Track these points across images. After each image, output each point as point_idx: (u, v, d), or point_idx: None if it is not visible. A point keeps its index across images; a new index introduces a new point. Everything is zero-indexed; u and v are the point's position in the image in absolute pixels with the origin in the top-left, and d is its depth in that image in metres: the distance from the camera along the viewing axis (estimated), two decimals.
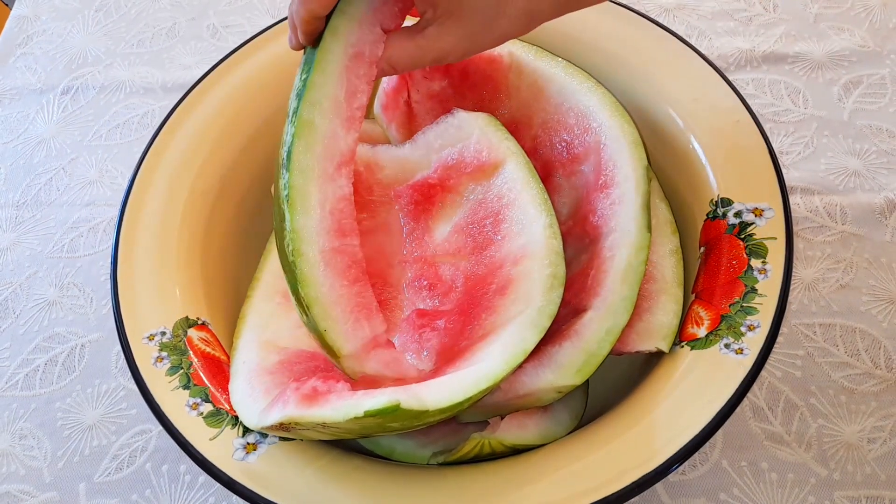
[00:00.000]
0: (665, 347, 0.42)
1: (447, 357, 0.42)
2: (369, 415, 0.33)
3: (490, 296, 0.44)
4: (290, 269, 0.38)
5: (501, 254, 0.46)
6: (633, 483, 0.37)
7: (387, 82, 0.55)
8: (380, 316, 0.40)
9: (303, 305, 0.38)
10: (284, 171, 0.38)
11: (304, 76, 0.40)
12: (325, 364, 0.44)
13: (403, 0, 0.40)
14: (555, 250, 0.43)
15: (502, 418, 0.41)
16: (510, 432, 0.41)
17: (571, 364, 0.40)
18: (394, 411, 0.34)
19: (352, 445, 0.44)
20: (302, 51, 0.42)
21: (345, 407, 0.34)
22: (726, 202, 0.46)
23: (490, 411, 0.42)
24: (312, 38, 0.40)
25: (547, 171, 0.51)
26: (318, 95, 0.39)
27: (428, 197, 0.50)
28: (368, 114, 0.57)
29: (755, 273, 0.42)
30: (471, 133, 0.50)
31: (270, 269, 0.49)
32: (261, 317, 0.46)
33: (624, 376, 0.49)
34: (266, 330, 0.46)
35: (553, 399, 0.42)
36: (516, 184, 0.47)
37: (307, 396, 0.36)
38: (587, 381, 0.41)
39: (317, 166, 0.39)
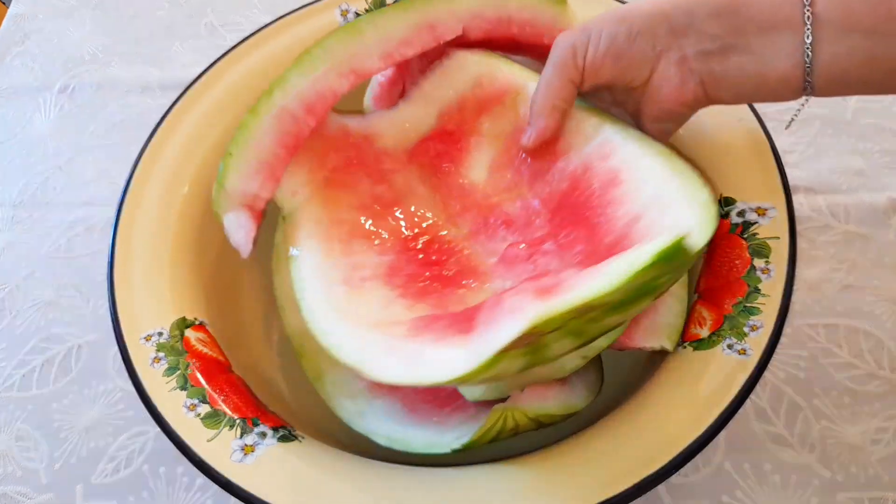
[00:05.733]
0: (669, 346, 0.42)
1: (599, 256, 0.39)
2: (658, 259, 0.30)
3: (597, 196, 0.42)
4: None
5: (579, 161, 0.44)
6: (634, 485, 0.36)
7: (382, 74, 0.54)
8: (272, 186, 0.41)
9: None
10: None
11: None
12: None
13: None
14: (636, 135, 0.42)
15: (522, 391, 0.41)
16: (532, 403, 0.40)
17: None
18: (676, 250, 0.30)
19: (366, 442, 0.44)
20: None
21: (619, 268, 0.30)
22: (729, 201, 0.46)
23: (512, 383, 0.41)
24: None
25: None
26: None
27: (450, 145, 0.48)
28: (359, 106, 0.56)
29: (758, 273, 0.42)
30: (478, 70, 0.48)
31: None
32: (332, 301, 0.42)
33: (626, 377, 0.49)
34: (350, 311, 0.41)
35: (576, 366, 0.40)
36: None
37: (545, 289, 0.33)
38: (600, 358, 0.41)
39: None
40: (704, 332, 0.42)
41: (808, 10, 0.36)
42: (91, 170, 0.67)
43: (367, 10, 0.57)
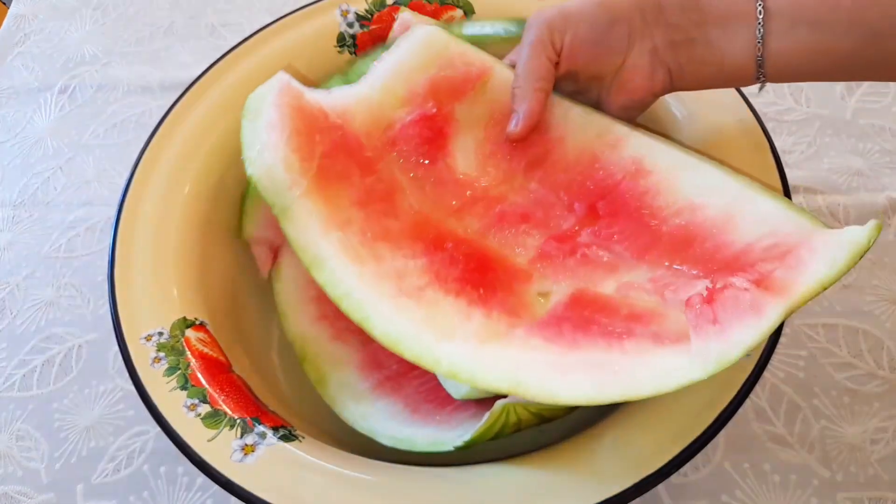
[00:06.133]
0: None
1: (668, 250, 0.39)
2: (872, 242, 0.32)
3: (626, 186, 0.41)
4: None
5: (580, 150, 0.43)
6: (634, 485, 0.36)
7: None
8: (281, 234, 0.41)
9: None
10: None
11: None
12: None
13: None
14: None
15: None
16: None
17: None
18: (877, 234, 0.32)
19: (366, 441, 0.44)
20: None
21: (842, 253, 0.32)
22: None
23: None
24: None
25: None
26: None
27: (437, 131, 0.46)
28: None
29: None
30: (444, 48, 0.46)
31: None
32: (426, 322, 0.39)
33: None
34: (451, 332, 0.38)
35: None
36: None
37: (762, 281, 0.33)
38: None
39: None
40: None
41: (760, 5, 0.38)
42: (91, 170, 0.67)
43: (367, 11, 0.57)
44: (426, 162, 0.46)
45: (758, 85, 0.42)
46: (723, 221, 0.38)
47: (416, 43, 0.46)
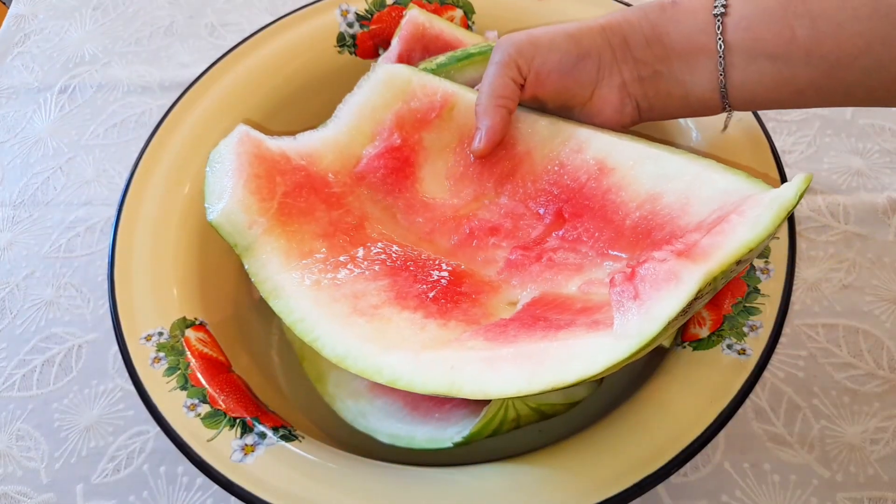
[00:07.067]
0: (667, 343, 0.42)
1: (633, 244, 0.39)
2: (800, 197, 0.32)
3: (590, 187, 0.42)
4: None
5: (547, 159, 0.44)
6: (634, 484, 0.36)
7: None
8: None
9: None
10: None
11: None
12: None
13: None
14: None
15: None
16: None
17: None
18: (805, 188, 0.33)
19: (366, 441, 0.44)
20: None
21: (768, 212, 0.32)
22: None
23: None
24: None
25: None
26: None
27: (403, 161, 0.47)
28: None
29: (758, 273, 0.42)
30: (406, 83, 0.47)
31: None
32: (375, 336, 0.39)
33: (625, 378, 0.49)
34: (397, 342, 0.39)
35: None
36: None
37: (683, 252, 0.32)
38: None
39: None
40: (704, 332, 0.42)
41: (720, 39, 0.39)
42: (91, 170, 0.67)
43: (367, 11, 0.57)
44: (396, 191, 0.47)
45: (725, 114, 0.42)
46: (680, 206, 0.39)
47: (378, 82, 0.48)
